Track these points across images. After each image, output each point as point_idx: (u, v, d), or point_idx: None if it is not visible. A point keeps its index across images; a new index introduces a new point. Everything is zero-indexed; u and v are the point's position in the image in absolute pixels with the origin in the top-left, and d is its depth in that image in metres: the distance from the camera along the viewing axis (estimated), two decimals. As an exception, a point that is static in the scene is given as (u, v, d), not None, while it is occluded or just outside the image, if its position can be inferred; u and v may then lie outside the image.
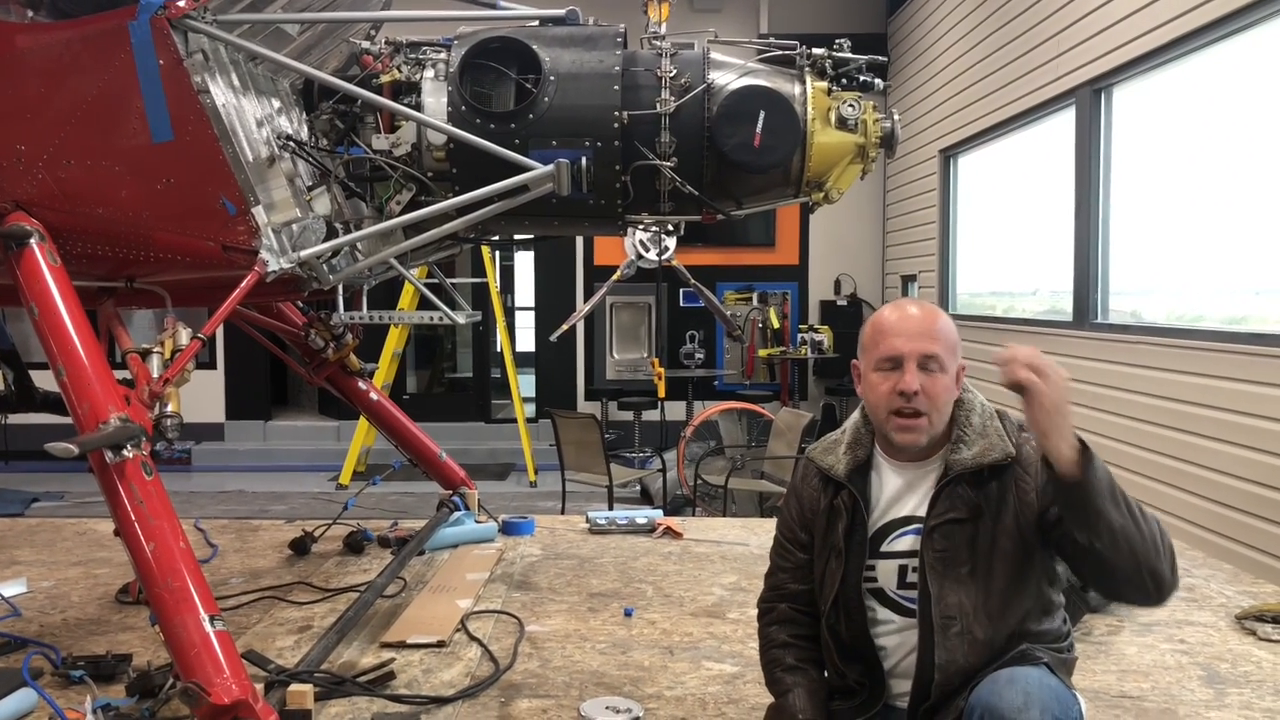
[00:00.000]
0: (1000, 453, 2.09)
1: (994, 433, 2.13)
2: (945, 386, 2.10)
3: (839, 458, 2.25)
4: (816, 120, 3.27)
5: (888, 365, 2.11)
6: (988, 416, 2.16)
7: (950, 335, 2.13)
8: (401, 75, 3.31)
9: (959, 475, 2.10)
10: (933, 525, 2.10)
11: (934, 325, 2.12)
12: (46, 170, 2.92)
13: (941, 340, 2.11)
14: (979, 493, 2.09)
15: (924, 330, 2.11)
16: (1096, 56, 6.37)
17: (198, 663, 2.38)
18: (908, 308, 2.17)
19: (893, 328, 2.13)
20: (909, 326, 2.11)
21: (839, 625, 2.19)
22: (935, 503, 2.11)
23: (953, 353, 2.12)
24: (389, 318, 4.89)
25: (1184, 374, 5.41)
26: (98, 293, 3.31)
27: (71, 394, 2.65)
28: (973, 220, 9.46)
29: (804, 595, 2.29)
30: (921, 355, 2.09)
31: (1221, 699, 2.97)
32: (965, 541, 2.08)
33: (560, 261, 12.05)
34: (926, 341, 2.09)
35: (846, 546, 2.17)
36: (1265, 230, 5.06)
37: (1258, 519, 4.77)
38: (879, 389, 2.13)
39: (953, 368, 2.12)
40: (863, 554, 2.17)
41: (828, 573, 2.21)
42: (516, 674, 3.15)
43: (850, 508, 2.19)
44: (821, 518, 2.24)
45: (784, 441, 7.50)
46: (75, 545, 4.77)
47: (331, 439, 11.44)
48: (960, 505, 2.09)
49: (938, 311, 2.17)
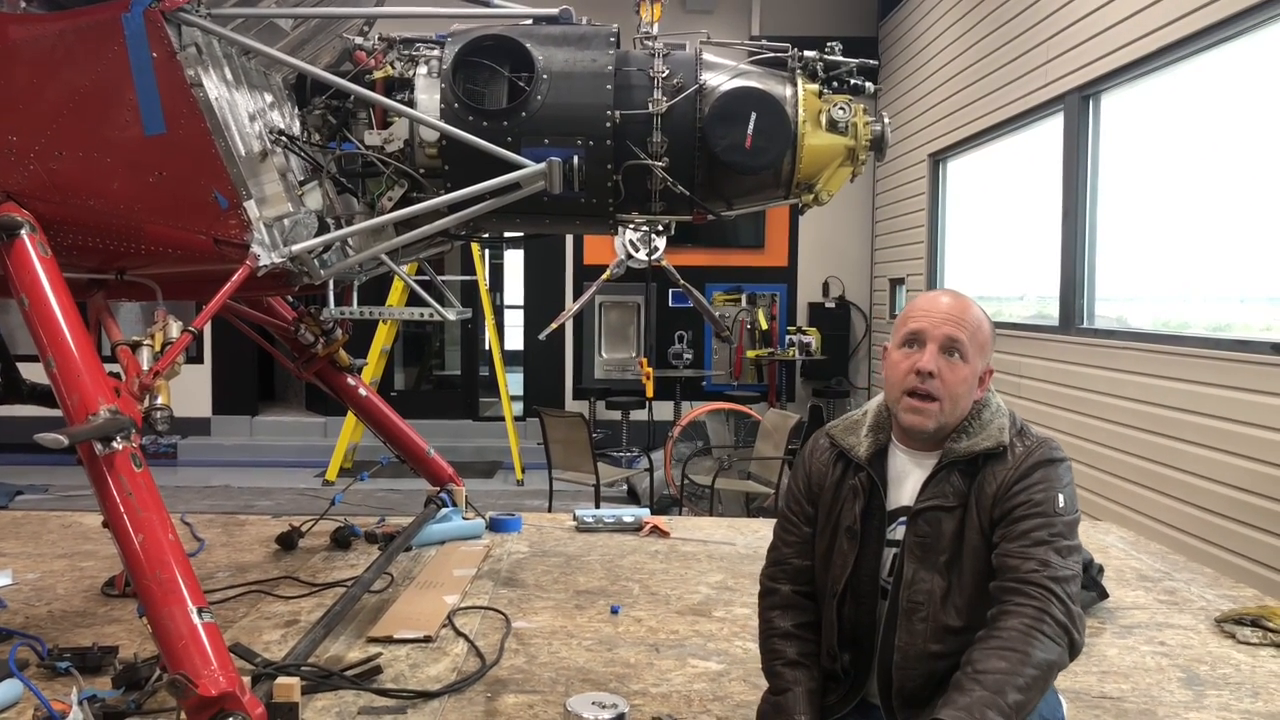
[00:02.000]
0: (994, 441, 2.10)
1: (995, 427, 2.14)
2: (964, 377, 2.11)
3: (860, 439, 2.24)
4: (807, 122, 3.28)
5: (911, 343, 2.13)
6: (999, 415, 2.17)
7: (980, 330, 2.14)
8: (395, 71, 3.32)
9: (952, 463, 2.11)
10: (918, 510, 2.12)
11: (964, 314, 2.13)
12: (38, 161, 2.91)
13: (968, 329, 2.11)
14: (969, 483, 2.10)
15: (952, 315, 2.12)
16: (1086, 63, 6.42)
17: (185, 654, 2.38)
18: (942, 295, 2.19)
19: (923, 309, 2.15)
20: (938, 309, 2.14)
21: (846, 609, 2.19)
22: (925, 488, 2.13)
23: (980, 349, 2.13)
24: (379, 313, 4.89)
25: (1168, 379, 5.45)
26: (88, 285, 3.30)
27: (61, 385, 2.65)
28: (961, 225, 9.51)
29: (806, 573, 2.29)
30: (945, 338, 2.10)
31: (1200, 700, 3.00)
32: (948, 530, 2.10)
33: (549, 260, 12.05)
34: (952, 326, 2.11)
35: (863, 529, 2.18)
36: (1251, 238, 5.11)
37: (1239, 524, 4.81)
38: (899, 366, 2.14)
39: (977, 363, 2.12)
40: (880, 539, 2.17)
41: (836, 553, 2.21)
42: (503, 670, 3.16)
43: (868, 490, 2.19)
44: (829, 493, 2.24)
45: (771, 442, 7.53)
46: (61, 538, 4.76)
47: (319, 435, 11.42)
48: (949, 493, 2.11)
49: (973, 305, 2.18)
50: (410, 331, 12.47)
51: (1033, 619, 1.93)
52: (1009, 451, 2.11)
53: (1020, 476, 2.07)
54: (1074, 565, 2.02)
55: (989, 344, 2.16)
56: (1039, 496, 2.04)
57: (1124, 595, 3.94)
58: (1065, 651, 1.95)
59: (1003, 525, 2.05)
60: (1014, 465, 2.08)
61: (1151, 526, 5.47)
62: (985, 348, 2.14)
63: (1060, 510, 2.04)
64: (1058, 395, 6.83)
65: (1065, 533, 2.03)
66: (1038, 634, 1.92)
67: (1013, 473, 2.07)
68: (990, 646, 1.93)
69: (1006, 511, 2.05)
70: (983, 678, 1.87)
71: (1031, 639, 1.91)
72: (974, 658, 1.92)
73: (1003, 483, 2.07)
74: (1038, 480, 2.06)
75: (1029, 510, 2.04)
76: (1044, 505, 2.04)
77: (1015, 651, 1.90)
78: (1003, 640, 1.92)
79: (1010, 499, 2.05)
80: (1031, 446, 2.11)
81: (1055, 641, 1.93)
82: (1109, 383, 6.09)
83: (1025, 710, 1.87)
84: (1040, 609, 1.94)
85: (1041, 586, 1.96)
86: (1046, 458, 2.09)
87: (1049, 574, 1.97)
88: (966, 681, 1.88)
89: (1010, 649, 1.90)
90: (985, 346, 2.14)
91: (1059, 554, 2.00)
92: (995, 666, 1.88)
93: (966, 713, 1.82)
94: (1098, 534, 4.98)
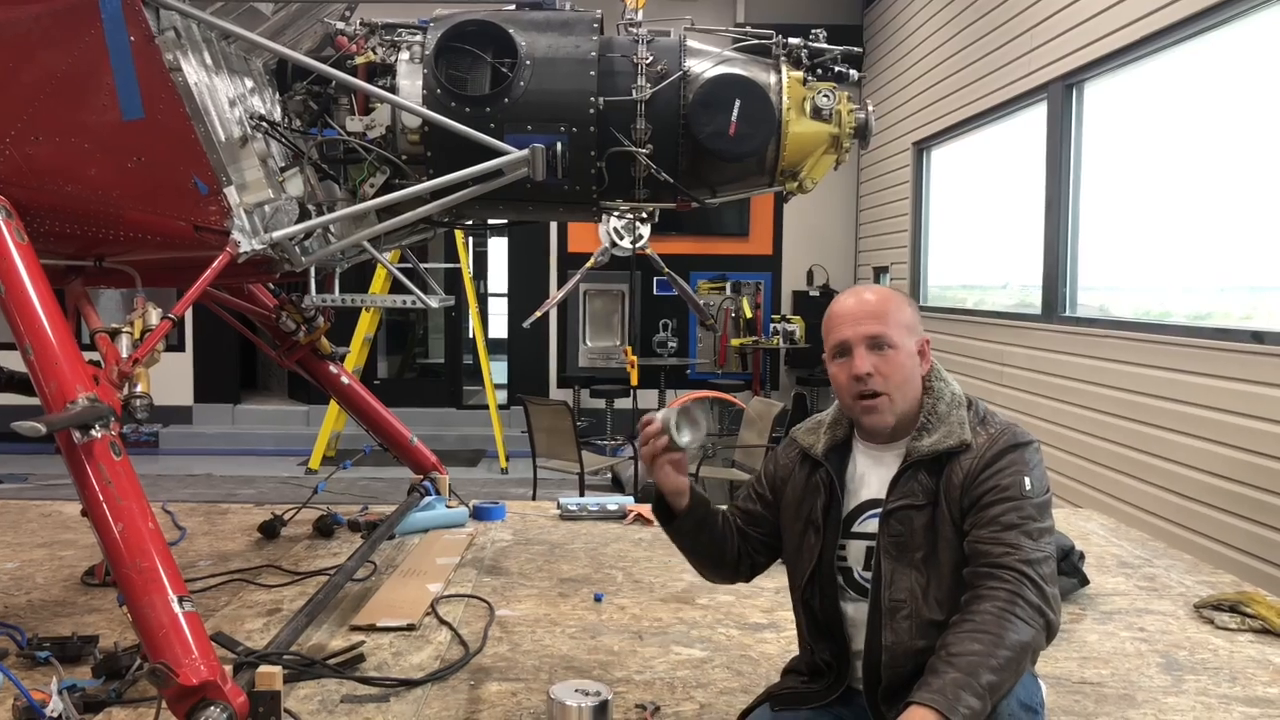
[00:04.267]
0: (956, 439, 2.12)
1: (955, 421, 2.16)
2: (900, 363, 2.15)
3: (819, 436, 2.30)
4: (791, 110, 3.28)
5: (840, 354, 2.18)
6: (955, 405, 2.19)
7: (900, 311, 2.17)
8: (376, 57, 3.29)
9: (917, 461, 2.14)
10: (889, 510, 2.14)
11: (878, 305, 2.17)
12: (14, 146, 2.87)
13: (888, 318, 2.15)
14: (936, 480, 2.12)
15: (867, 312, 2.16)
16: (1069, 52, 6.43)
17: (166, 643, 2.36)
18: (848, 297, 2.23)
19: (839, 316, 2.20)
20: (852, 312, 2.18)
21: (814, 599, 2.23)
22: (893, 488, 2.15)
23: (905, 328, 2.17)
24: (361, 300, 4.85)
25: (1150, 368, 5.49)
26: (66, 271, 3.27)
27: (39, 373, 2.61)
28: (944, 213, 9.53)
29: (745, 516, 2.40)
30: (867, 337, 2.14)
31: (1179, 685, 3.03)
32: (921, 527, 2.11)
33: (533, 248, 12.02)
34: (870, 323, 2.15)
35: (824, 522, 2.22)
36: (1231, 228, 5.14)
37: (1218, 511, 4.85)
38: (839, 379, 2.20)
39: (908, 343, 2.16)
40: (838, 531, 2.21)
41: (805, 546, 2.25)
42: (486, 657, 3.16)
43: (827, 485, 2.23)
44: (798, 490, 2.29)
45: (755, 430, 7.54)
46: (40, 527, 4.72)
47: (301, 423, 11.36)
48: (918, 491, 2.13)
49: (883, 291, 2.23)
50: (394, 319, 12.42)
51: (1006, 601, 1.95)
52: (972, 442, 2.13)
53: (986, 465, 2.08)
54: (1046, 547, 2.03)
55: (914, 320, 2.20)
56: (1006, 481, 2.06)
57: (1104, 582, 3.97)
58: (1040, 633, 1.96)
59: (972, 513, 2.07)
60: (978, 455, 2.10)
61: (1132, 513, 5.52)
62: (912, 326, 2.18)
63: (1028, 493, 2.05)
64: (1040, 383, 6.87)
65: (1035, 515, 2.04)
66: (1011, 616, 1.93)
67: (977, 462, 2.09)
68: (964, 630, 1.94)
69: (975, 500, 2.07)
70: (956, 660, 1.88)
71: (1005, 621, 1.92)
72: (948, 641, 1.94)
73: (969, 472, 2.09)
74: (1004, 466, 2.08)
75: (997, 496, 2.05)
76: (1011, 489, 2.05)
77: (989, 634, 1.91)
78: (976, 623, 1.94)
79: (977, 487, 2.07)
80: (995, 434, 2.13)
81: (1028, 623, 1.94)
82: (1091, 371, 6.13)
83: (1000, 690, 1.88)
84: (1013, 591, 1.95)
85: (1014, 570, 1.97)
86: (1011, 443, 2.11)
87: (1020, 557, 1.99)
88: (940, 665, 1.89)
89: (984, 631, 1.92)
90: (911, 325, 2.18)
91: (1029, 536, 2.01)
92: (969, 649, 1.90)
93: (940, 694, 1.83)
94: (1079, 520, 5.01)
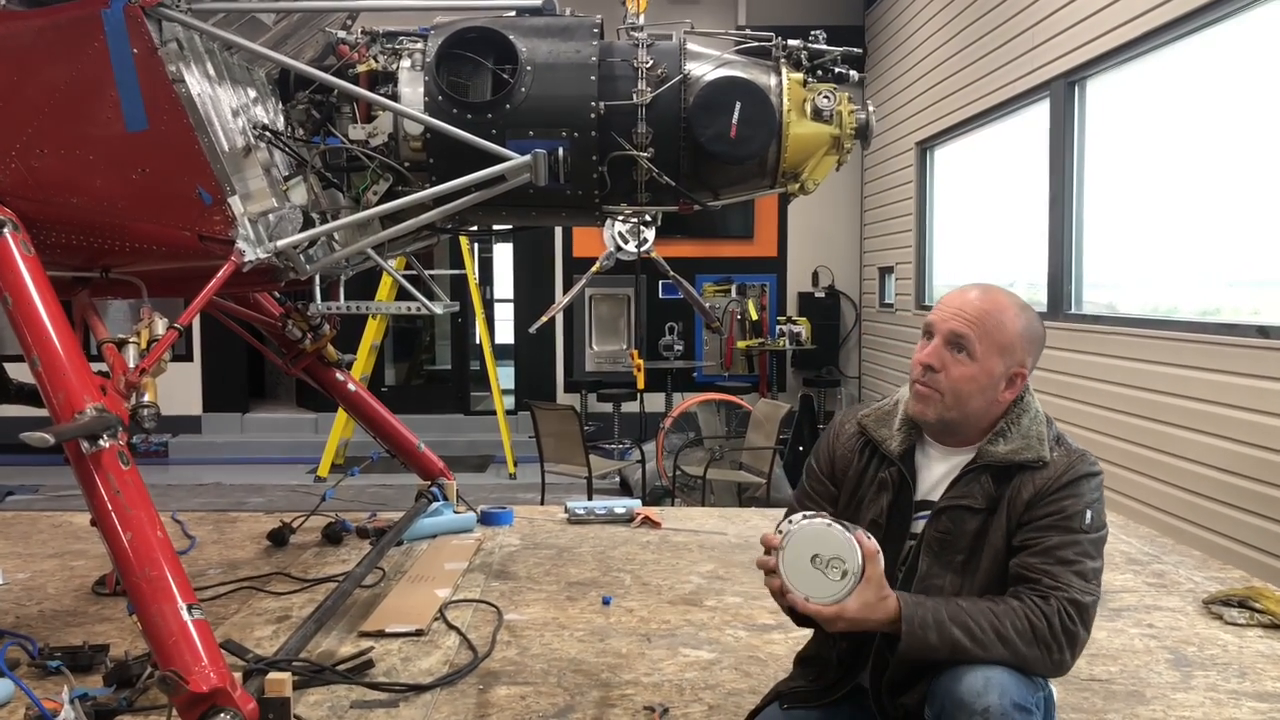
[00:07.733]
0: (1034, 454, 2.08)
1: (1035, 436, 2.11)
2: (969, 375, 2.07)
3: (893, 433, 2.21)
4: (792, 111, 3.28)
5: (926, 333, 2.14)
6: (1038, 422, 2.14)
7: (1001, 329, 2.07)
8: (378, 65, 3.30)
9: (985, 465, 2.09)
10: (942, 507, 2.11)
11: (979, 311, 2.08)
12: (19, 159, 2.89)
13: (981, 327, 2.06)
14: (1002, 488, 2.08)
15: (965, 311, 2.08)
16: (1071, 49, 6.42)
17: (175, 651, 2.38)
18: (966, 290, 2.14)
19: (944, 302, 2.14)
20: (955, 304, 2.11)
21: None
22: (953, 485, 2.11)
23: (999, 349, 2.07)
24: (367, 308, 4.87)
25: (1157, 364, 5.47)
26: (73, 283, 3.29)
27: (47, 384, 2.64)
28: (949, 212, 9.52)
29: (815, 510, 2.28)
30: (950, 333, 2.08)
31: (1188, 681, 3.02)
32: (970, 530, 2.08)
33: (539, 253, 12.03)
34: (960, 322, 2.07)
35: (889, 524, 2.16)
36: (1238, 222, 5.12)
37: (1227, 506, 4.84)
38: (915, 354, 2.15)
39: (993, 361, 2.07)
40: (903, 535, 2.15)
41: None
42: (495, 662, 3.17)
43: (898, 485, 2.17)
44: (853, 481, 2.23)
45: (762, 432, 7.54)
46: (51, 537, 4.75)
47: (309, 431, 11.39)
48: (977, 494, 2.08)
49: (999, 303, 2.11)
50: (401, 326, 12.44)
51: (1036, 616, 1.93)
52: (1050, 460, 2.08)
53: (1059, 487, 2.04)
54: (1094, 590, 1.99)
55: (1016, 344, 2.08)
56: (1070, 509, 2.02)
57: (1113, 578, 3.96)
58: (1045, 659, 1.93)
59: (1027, 531, 2.03)
60: (1053, 476, 2.05)
61: (1140, 510, 5.50)
62: (1007, 348, 2.08)
63: (1087, 526, 2.02)
64: (1046, 381, 6.84)
65: (1091, 552, 2.01)
66: (1029, 627, 1.92)
67: (1051, 483, 2.04)
68: (985, 600, 1.98)
69: (1036, 519, 2.03)
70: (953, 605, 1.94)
71: (1020, 624, 1.92)
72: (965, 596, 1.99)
73: (1040, 490, 2.04)
74: (1073, 492, 2.04)
75: (1057, 521, 2.01)
76: (1074, 520, 2.01)
77: (997, 618, 1.92)
78: (996, 604, 1.96)
79: (1044, 506, 2.03)
80: (1072, 459, 2.08)
81: (1039, 645, 1.92)
82: (1097, 368, 6.11)
83: (961, 655, 1.91)
84: (1047, 614, 1.94)
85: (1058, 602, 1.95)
86: (1085, 471, 2.06)
87: (1068, 595, 1.96)
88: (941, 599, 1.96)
89: (996, 615, 1.93)
90: (1007, 347, 2.08)
91: (1082, 577, 1.98)
92: (974, 609, 1.94)
93: (919, 607, 1.91)
94: (1087, 518, 4.99)
